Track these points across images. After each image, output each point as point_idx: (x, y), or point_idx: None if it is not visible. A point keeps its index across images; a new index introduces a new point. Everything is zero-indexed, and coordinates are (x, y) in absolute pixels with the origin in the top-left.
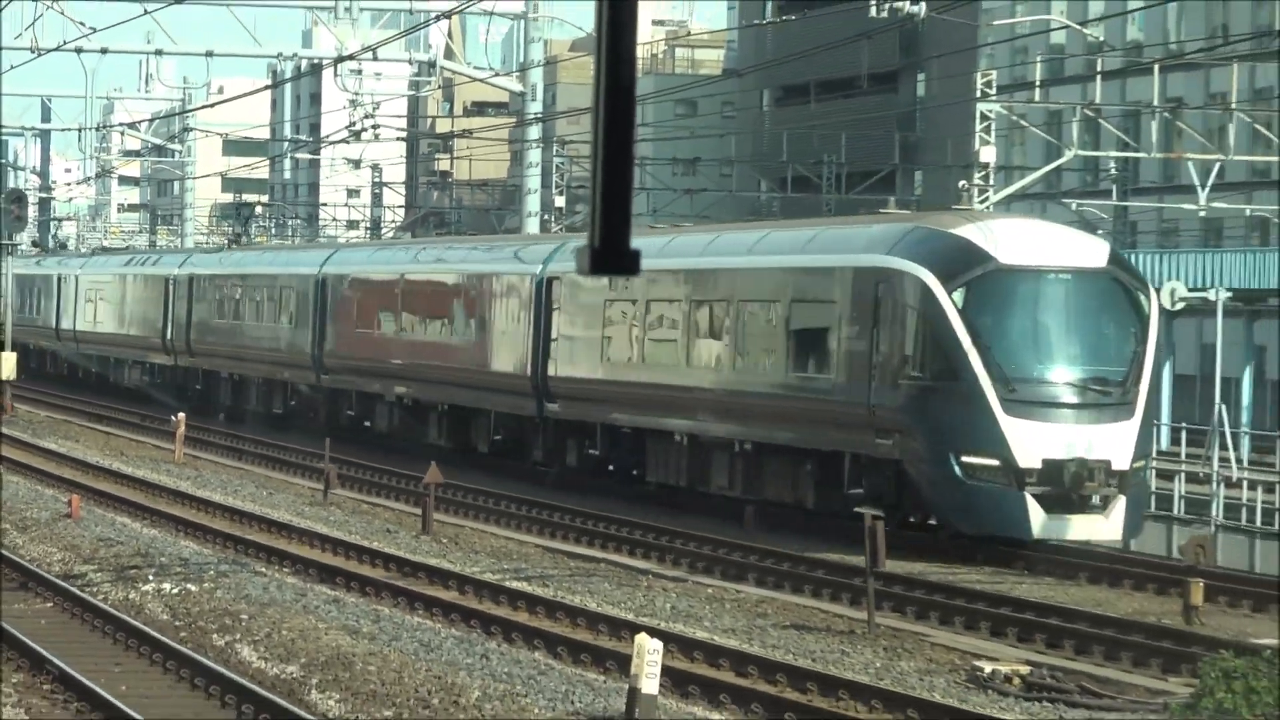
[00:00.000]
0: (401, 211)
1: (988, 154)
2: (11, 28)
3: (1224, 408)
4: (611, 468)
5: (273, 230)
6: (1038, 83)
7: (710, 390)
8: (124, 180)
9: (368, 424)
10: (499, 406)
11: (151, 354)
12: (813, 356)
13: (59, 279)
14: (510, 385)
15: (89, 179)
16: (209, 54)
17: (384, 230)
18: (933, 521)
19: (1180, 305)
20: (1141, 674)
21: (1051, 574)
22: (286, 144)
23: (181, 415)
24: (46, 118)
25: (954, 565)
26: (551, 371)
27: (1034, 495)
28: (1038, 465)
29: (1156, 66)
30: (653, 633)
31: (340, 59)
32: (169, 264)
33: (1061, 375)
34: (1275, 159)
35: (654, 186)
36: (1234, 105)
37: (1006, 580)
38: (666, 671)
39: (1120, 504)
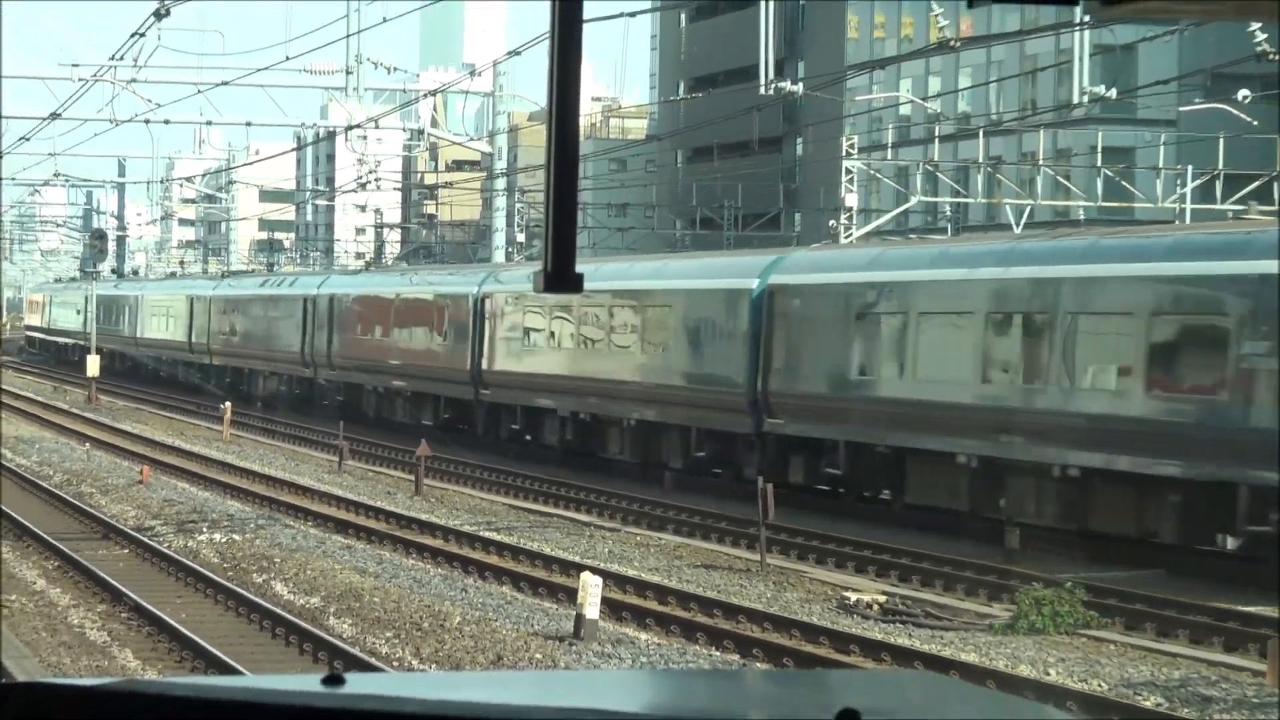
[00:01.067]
0: (398, 245)
1: (851, 200)
2: (94, 104)
3: None
4: (842, 490)
5: (298, 260)
6: (889, 144)
7: (1018, 410)
8: (182, 221)
9: (529, 438)
10: (703, 423)
11: (289, 366)
12: (1187, 374)
13: (192, 300)
14: (720, 400)
15: (155, 221)
16: (248, 124)
17: (384, 260)
18: None
19: None
20: (972, 601)
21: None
22: (308, 193)
23: (228, 404)
24: (122, 173)
25: None
26: (774, 386)
27: None
28: None
29: (981, 132)
30: (594, 571)
31: (350, 127)
32: (305, 285)
33: None
34: (1072, 204)
35: (593, 226)
36: (1041, 162)
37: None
38: (605, 601)
39: None
